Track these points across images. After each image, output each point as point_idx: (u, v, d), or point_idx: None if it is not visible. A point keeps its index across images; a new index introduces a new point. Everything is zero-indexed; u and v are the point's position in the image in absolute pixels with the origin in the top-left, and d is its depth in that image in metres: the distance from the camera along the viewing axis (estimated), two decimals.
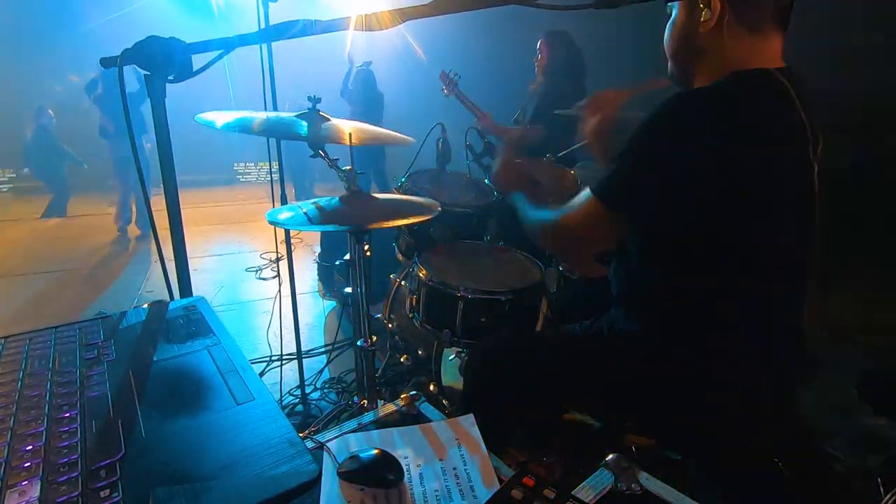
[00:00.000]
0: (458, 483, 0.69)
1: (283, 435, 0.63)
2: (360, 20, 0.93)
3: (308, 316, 2.94)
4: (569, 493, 0.64)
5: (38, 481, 0.53)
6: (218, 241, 4.83)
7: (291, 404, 2.01)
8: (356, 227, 1.11)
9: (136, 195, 4.96)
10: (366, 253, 1.16)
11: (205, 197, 7.19)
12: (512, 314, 1.41)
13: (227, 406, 0.68)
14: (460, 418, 0.83)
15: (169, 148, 1.05)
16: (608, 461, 0.71)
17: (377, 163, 4.72)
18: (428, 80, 5.35)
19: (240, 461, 0.58)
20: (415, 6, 0.91)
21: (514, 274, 1.52)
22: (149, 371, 0.76)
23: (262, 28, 1.44)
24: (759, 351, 0.96)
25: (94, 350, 0.81)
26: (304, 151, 1.12)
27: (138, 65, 0.96)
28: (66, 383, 0.72)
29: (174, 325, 0.91)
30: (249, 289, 3.53)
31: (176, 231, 1.10)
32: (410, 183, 1.91)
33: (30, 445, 0.59)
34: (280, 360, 2.32)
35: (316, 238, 3.95)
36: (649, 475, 0.70)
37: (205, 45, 0.99)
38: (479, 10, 0.92)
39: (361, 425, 0.86)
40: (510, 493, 0.64)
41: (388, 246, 1.97)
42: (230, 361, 0.79)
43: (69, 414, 0.65)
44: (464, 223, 1.82)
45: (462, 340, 1.45)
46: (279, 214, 1.09)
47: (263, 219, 1.12)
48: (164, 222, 1.07)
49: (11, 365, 0.76)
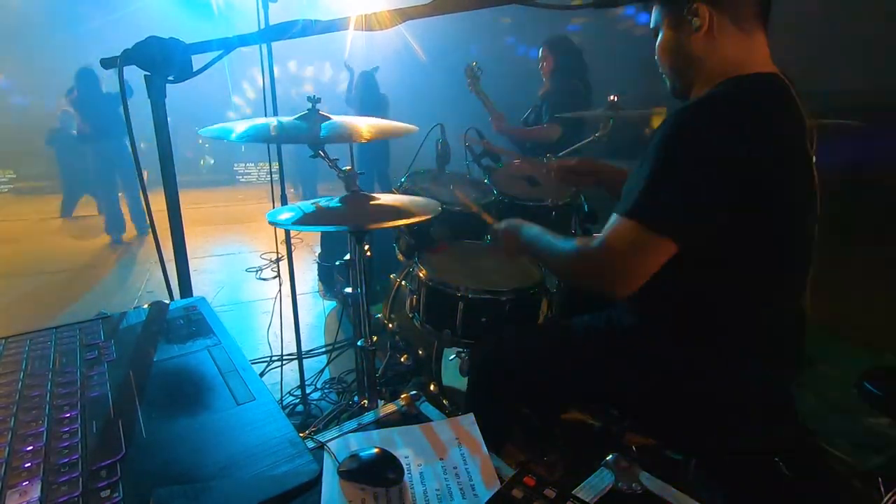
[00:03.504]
0: (459, 482, 0.69)
1: (284, 435, 0.63)
2: (360, 20, 0.93)
3: (308, 316, 2.94)
4: (569, 493, 0.64)
5: (38, 481, 0.54)
6: (218, 242, 4.83)
7: (292, 404, 2.01)
8: (356, 227, 1.11)
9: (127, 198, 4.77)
10: (366, 253, 1.15)
11: (205, 197, 7.20)
12: (512, 314, 1.41)
13: (228, 406, 0.68)
14: (460, 418, 0.83)
15: (169, 148, 1.05)
16: (608, 461, 0.71)
17: (380, 164, 4.72)
18: (427, 80, 5.35)
19: (240, 461, 0.58)
20: (415, 6, 0.91)
21: (514, 274, 1.52)
22: (149, 371, 0.76)
23: (261, 28, 1.44)
24: (761, 342, 0.96)
25: (95, 350, 0.81)
26: (310, 152, 1.12)
27: (138, 65, 0.96)
28: (66, 383, 0.72)
29: (174, 325, 0.91)
30: (250, 289, 3.53)
31: (176, 231, 1.10)
32: (410, 183, 1.91)
33: (30, 446, 0.59)
34: (280, 360, 2.32)
35: (316, 238, 3.95)
36: (649, 475, 0.70)
37: (205, 45, 0.99)
38: (478, 9, 0.93)
39: (362, 425, 0.86)
40: (511, 493, 0.64)
41: (389, 246, 1.97)
42: (230, 361, 0.79)
43: (69, 414, 0.65)
44: (464, 223, 1.82)
45: (462, 340, 1.44)
46: (279, 215, 1.09)
47: (263, 219, 1.12)
48: (164, 223, 1.07)
49: (12, 365, 0.76)
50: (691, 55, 0.94)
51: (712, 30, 0.91)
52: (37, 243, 5.11)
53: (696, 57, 0.94)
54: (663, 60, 1.01)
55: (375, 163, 4.68)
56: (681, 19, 0.93)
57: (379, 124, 1.19)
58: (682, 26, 0.93)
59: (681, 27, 0.94)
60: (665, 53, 1.00)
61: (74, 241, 5.20)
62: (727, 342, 0.94)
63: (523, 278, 1.48)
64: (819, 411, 1.85)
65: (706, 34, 0.91)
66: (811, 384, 1.85)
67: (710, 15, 0.90)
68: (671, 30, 0.96)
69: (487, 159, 2.18)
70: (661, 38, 0.99)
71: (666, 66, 1.02)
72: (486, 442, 0.77)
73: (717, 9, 0.89)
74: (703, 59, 0.93)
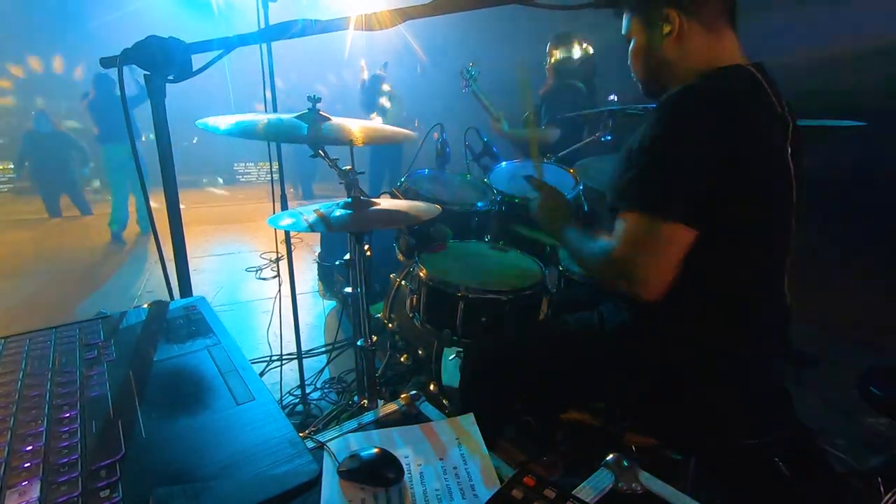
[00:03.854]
0: (459, 482, 0.69)
1: (284, 435, 0.63)
2: (360, 20, 0.93)
3: (308, 316, 2.94)
4: (569, 493, 0.64)
5: (38, 481, 0.53)
6: (218, 241, 4.83)
7: (291, 404, 2.01)
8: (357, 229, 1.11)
9: (136, 197, 4.94)
10: (366, 253, 1.15)
11: (205, 197, 7.20)
12: (512, 314, 1.41)
13: (228, 406, 0.68)
14: (460, 418, 0.83)
15: (169, 148, 1.05)
16: (608, 461, 0.71)
17: (392, 165, 4.70)
18: (427, 80, 5.36)
19: (240, 461, 0.58)
20: (415, 6, 0.91)
21: (514, 273, 1.52)
22: (149, 371, 0.76)
23: (261, 28, 1.44)
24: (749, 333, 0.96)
25: (95, 350, 0.81)
26: (309, 151, 1.12)
27: (138, 64, 0.96)
28: (66, 383, 0.72)
29: (174, 325, 0.91)
30: (249, 289, 3.53)
31: (176, 231, 1.10)
32: (410, 183, 1.91)
33: (30, 445, 0.59)
34: (280, 360, 2.32)
35: (316, 238, 3.95)
36: (649, 475, 0.70)
37: (205, 45, 0.99)
38: (478, 9, 0.93)
39: (362, 425, 0.86)
40: (511, 493, 0.64)
41: (389, 246, 1.97)
42: (230, 361, 0.79)
43: (69, 414, 0.65)
44: (464, 223, 1.82)
45: (462, 340, 1.44)
46: (280, 221, 1.08)
47: (263, 219, 1.12)
48: (164, 222, 1.07)
49: (11, 365, 0.76)
50: (664, 59, 0.98)
51: (682, 34, 0.94)
52: (37, 243, 5.11)
53: (669, 60, 0.97)
54: (636, 65, 1.04)
55: (387, 163, 4.69)
56: (652, 25, 0.96)
57: (376, 129, 1.19)
58: (654, 32, 0.97)
59: (652, 33, 0.97)
60: (638, 58, 1.03)
61: (74, 241, 5.21)
62: (715, 335, 0.94)
63: (523, 278, 1.48)
64: (819, 411, 1.85)
65: (676, 38, 0.95)
66: (811, 384, 1.85)
67: (679, 20, 0.93)
68: (643, 35, 1.00)
69: (487, 159, 2.18)
70: (633, 45, 1.02)
71: (639, 71, 1.04)
72: (485, 442, 0.77)
73: (687, 14, 0.93)
74: (675, 61, 0.96)
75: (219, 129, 1.03)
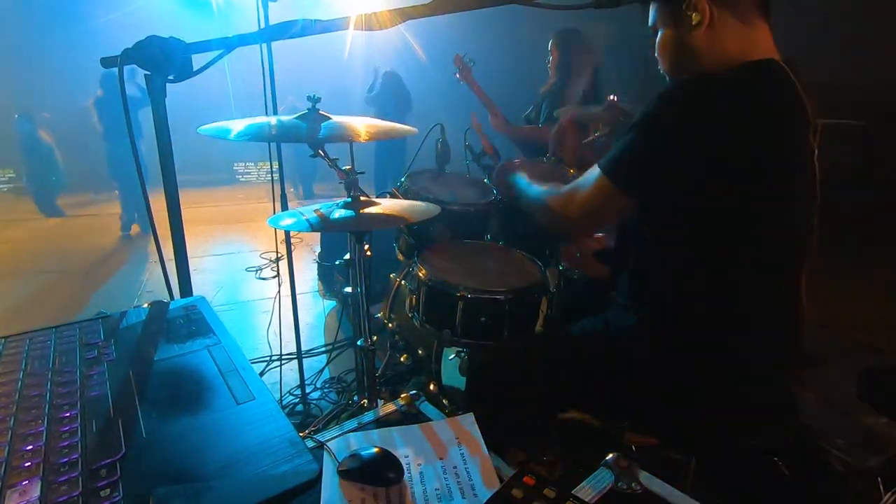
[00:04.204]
0: (459, 482, 0.69)
1: (284, 434, 0.63)
2: (360, 20, 0.93)
3: (308, 316, 2.94)
4: (569, 493, 0.64)
5: (38, 481, 0.53)
6: (218, 241, 4.83)
7: (291, 404, 2.01)
8: (357, 229, 1.11)
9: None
10: (366, 253, 1.15)
11: (205, 197, 7.19)
12: (512, 314, 1.41)
13: (228, 406, 0.68)
14: (460, 417, 0.83)
15: (169, 148, 1.04)
16: (608, 461, 0.71)
17: (396, 164, 4.67)
18: (427, 80, 5.35)
19: (240, 461, 0.58)
20: (415, 6, 0.91)
21: (514, 273, 1.52)
22: (149, 371, 0.76)
23: (262, 28, 1.44)
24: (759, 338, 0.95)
25: (95, 350, 0.81)
26: (309, 151, 1.12)
27: (138, 64, 0.96)
28: (66, 383, 0.72)
29: (174, 324, 0.91)
30: (249, 289, 3.53)
31: (176, 231, 1.10)
32: (410, 183, 1.91)
33: (30, 445, 0.59)
34: (280, 359, 2.32)
35: (316, 238, 3.95)
36: (649, 475, 0.70)
37: (205, 44, 0.99)
38: (478, 9, 0.93)
39: (362, 425, 0.86)
40: (511, 493, 0.64)
41: (389, 246, 1.97)
42: (230, 361, 0.79)
43: (69, 414, 0.65)
44: (464, 223, 1.82)
45: (462, 340, 1.44)
46: (280, 221, 1.08)
47: (263, 218, 1.12)
48: (165, 222, 1.07)
49: (11, 365, 0.76)
50: (693, 51, 0.93)
51: (713, 24, 0.90)
52: (37, 243, 5.11)
53: (698, 52, 0.93)
54: (663, 58, 1.00)
55: (392, 163, 4.69)
56: (680, 15, 0.92)
57: (378, 125, 1.19)
58: (682, 22, 0.92)
59: (681, 23, 0.93)
60: (665, 51, 0.98)
61: (74, 241, 5.20)
62: (725, 339, 0.94)
63: (523, 278, 1.48)
64: (819, 411, 1.85)
65: (707, 29, 0.90)
66: (811, 384, 1.85)
67: (710, 9, 0.89)
68: (671, 27, 0.95)
69: (487, 159, 2.18)
70: (660, 36, 0.98)
71: (666, 64, 1.00)
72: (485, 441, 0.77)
73: (717, 3, 0.89)
74: (705, 54, 0.92)
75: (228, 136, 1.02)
